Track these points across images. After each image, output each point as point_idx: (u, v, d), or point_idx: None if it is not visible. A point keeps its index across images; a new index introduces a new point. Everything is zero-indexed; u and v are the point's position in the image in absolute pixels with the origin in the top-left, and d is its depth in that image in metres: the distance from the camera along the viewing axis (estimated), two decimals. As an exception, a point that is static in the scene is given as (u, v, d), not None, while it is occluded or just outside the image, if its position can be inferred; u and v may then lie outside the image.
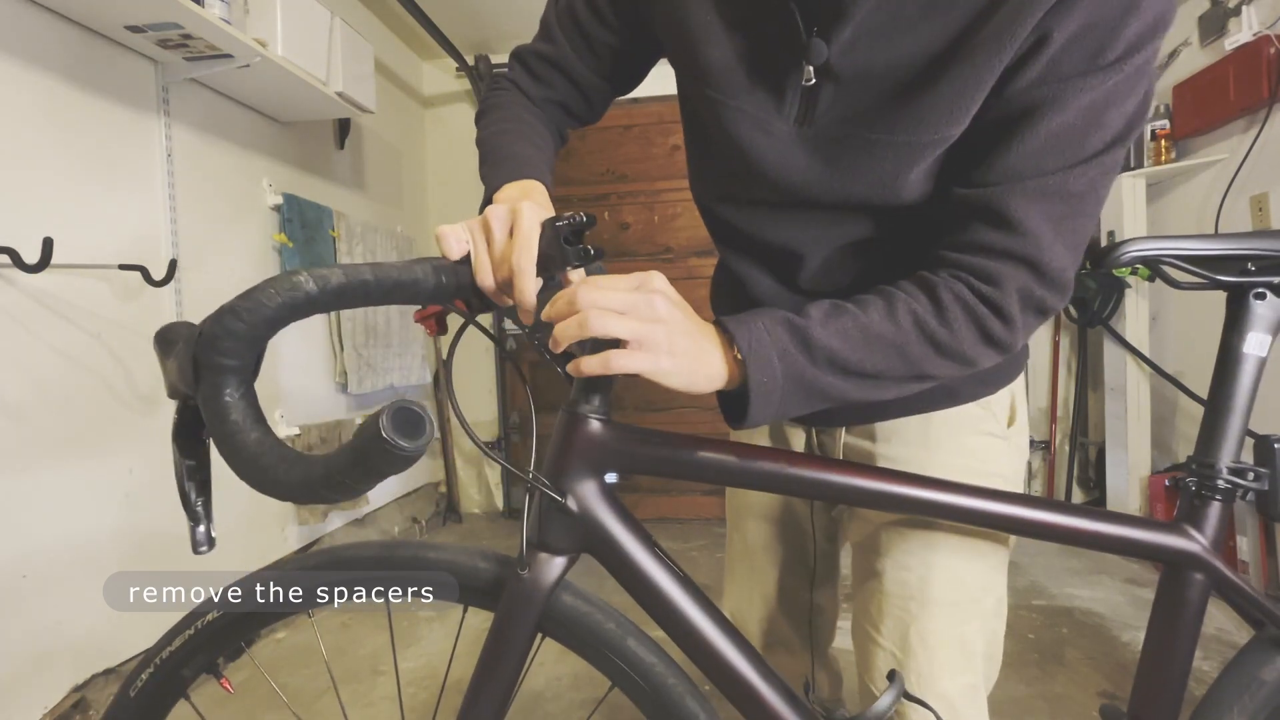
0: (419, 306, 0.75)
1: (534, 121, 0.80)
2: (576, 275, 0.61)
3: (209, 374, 0.51)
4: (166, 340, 0.56)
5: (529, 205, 0.59)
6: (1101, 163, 0.56)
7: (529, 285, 0.57)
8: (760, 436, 0.93)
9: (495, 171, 0.70)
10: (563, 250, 0.57)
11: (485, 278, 0.59)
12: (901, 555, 0.78)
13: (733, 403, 0.62)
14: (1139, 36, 0.53)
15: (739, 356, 0.57)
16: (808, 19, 0.60)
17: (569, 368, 0.58)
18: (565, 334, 0.54)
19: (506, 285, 0.58)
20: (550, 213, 0.62)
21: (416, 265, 0.57)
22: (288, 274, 0.52)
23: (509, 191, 0.67)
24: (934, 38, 0.57)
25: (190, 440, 0.58)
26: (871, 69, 0.60)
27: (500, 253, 0.58)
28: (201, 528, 0.59)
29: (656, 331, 0.55)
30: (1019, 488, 0.81)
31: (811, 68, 0.62)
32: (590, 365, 0.55)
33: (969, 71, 0.56)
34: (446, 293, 0.59)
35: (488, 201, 0.69)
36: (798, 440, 0.90)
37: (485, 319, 3.16)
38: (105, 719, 0.74)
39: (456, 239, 0.59)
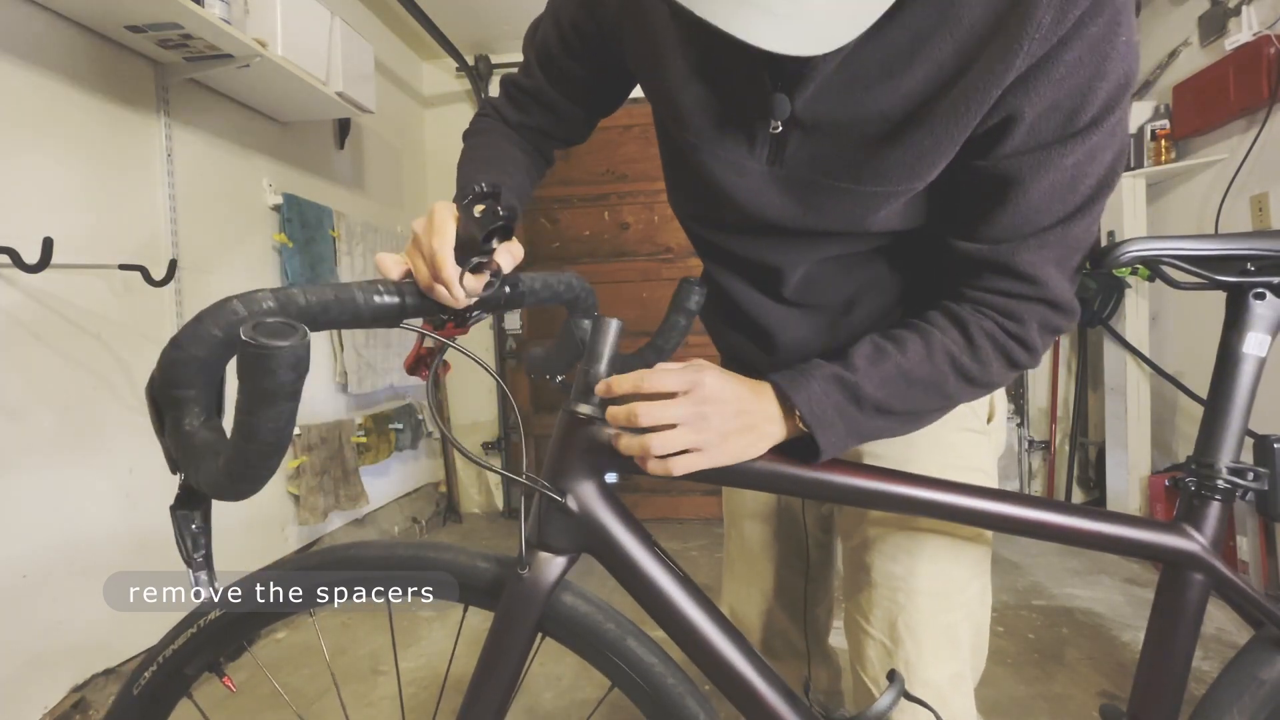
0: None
1: (509, 147, 0.83)
2: (505, 247, 0.63)
3: (169, 409, 0.53)
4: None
5: (441, 202, 0.61)
6: (1090, 209, 0.61)
7: (446, 265, 0.58)
8: None
9: (460, 196, 0.73)
10: (477, 222, 0.58)
11: (423, 278, 0.60)
12: (887, 548, 0.80)
13: (798, 447, 0.66)
14: (1110, 98, 0.56)
15: (802, 425, 0.64)
16: (773, 74, 0.62)
17: (641, 466, 0.63)
18: (629, 450, 0.62)
19: (439, 279, 0.59)
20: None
21: (353, 285, 0.57)
22: (221, 302, 0.52)
23: None
24: (894, 101, 0.60)
25: (191, 507, 0.59)
26: (834, 122, 0.62)
27: (427, 249, 0.59)
28: (204, 574, 0.60)
29: (711, 438, 0.61)
30: (995, 481, 0.84)
31: (778, 120, 0.64)
32: (655, 469, 0.62)
33: (928, 137, 0.59)
34: (393, 313, 0.59)
35: None
36: None
37: (481, 334, 3.06)
38: (109, 717, 0.74)
39: (393, 261, 0.62)
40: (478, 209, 0.59)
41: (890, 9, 0.51)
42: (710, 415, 0.61)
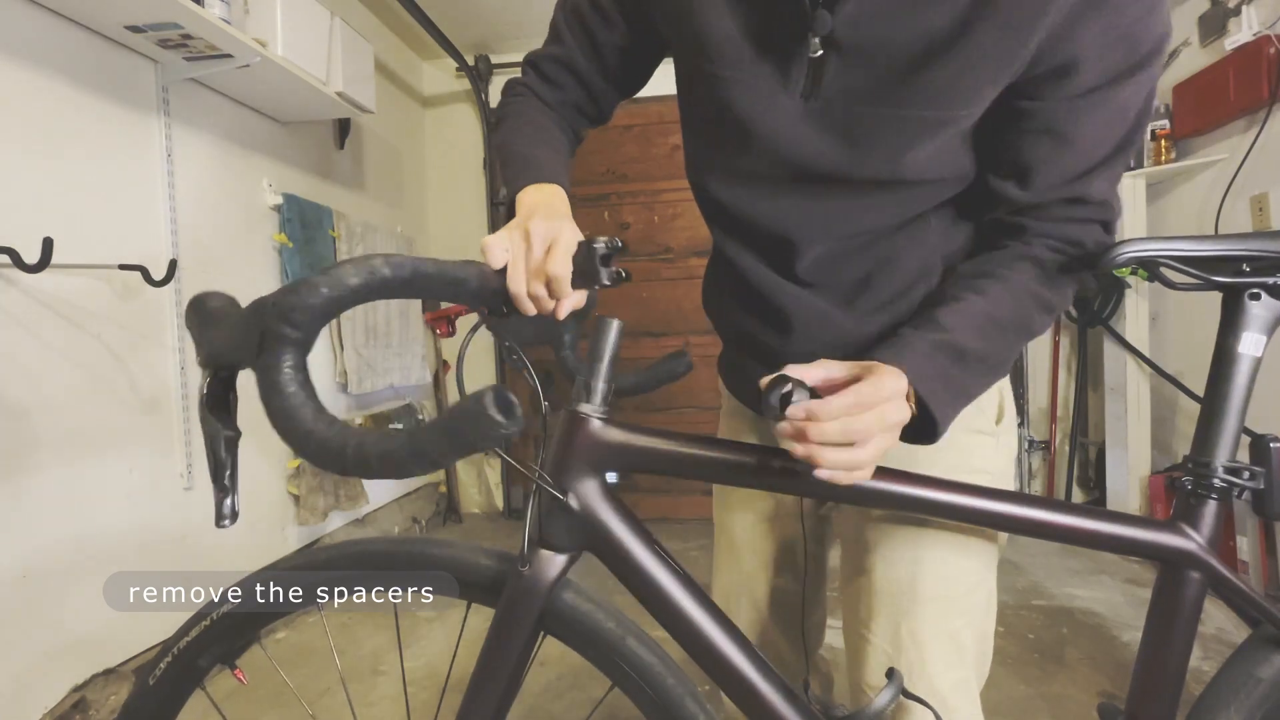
0: (424, 306, 0.78)
1: (548, 124, 0.83)
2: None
3: (274, 344, 0.51)
4: (205, 309, 0.56)
5: (569, 226, 0.63)
6: (1138, 134, 0.65)
7: (569, 290, 0.62)
8: (750, 435, 0.93)
9: (517, 174, 0.73)
10: (597, 270, 0.61)
11: (518, 284, 0.61)
12: (890, 552, 0.78)
13: (911, 426, 0.63)
14: (1160, 37, 0.59)
15: (912, 404, 0.61)
16: None
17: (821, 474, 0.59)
18: (843, 463, 0.57)
19: (535, 292, 0.62)
20: (573, 225, 0.65)
21: (469, 266, 0.60)
22: (366, 257, 0.53)
23: (532, 196, 0.69)
24: (940, 19, 0.59)
25: (223, 411, 0.58)
26: (877, 42, 0.61)
27: (536, 264, 0.61)
28: (229, 500, 0.59)
29: (871, 457, 0.57)
30: (1008, 483, 0.82)
31: (818, 39, 0.63)
32: (846, 480, 0.58)
33: (976, 51, 0.59)
34: (484, 295, 0.62)
35: (510, 201, 0.72)
36: None
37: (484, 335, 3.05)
38: (126, 707, 0.76)
39: (501, 249, 0.62)
40: (602, 257, 0.62)
41: None
42: (876, 440, 0.57)
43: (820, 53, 0.63)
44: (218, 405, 0.58)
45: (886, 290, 0.74)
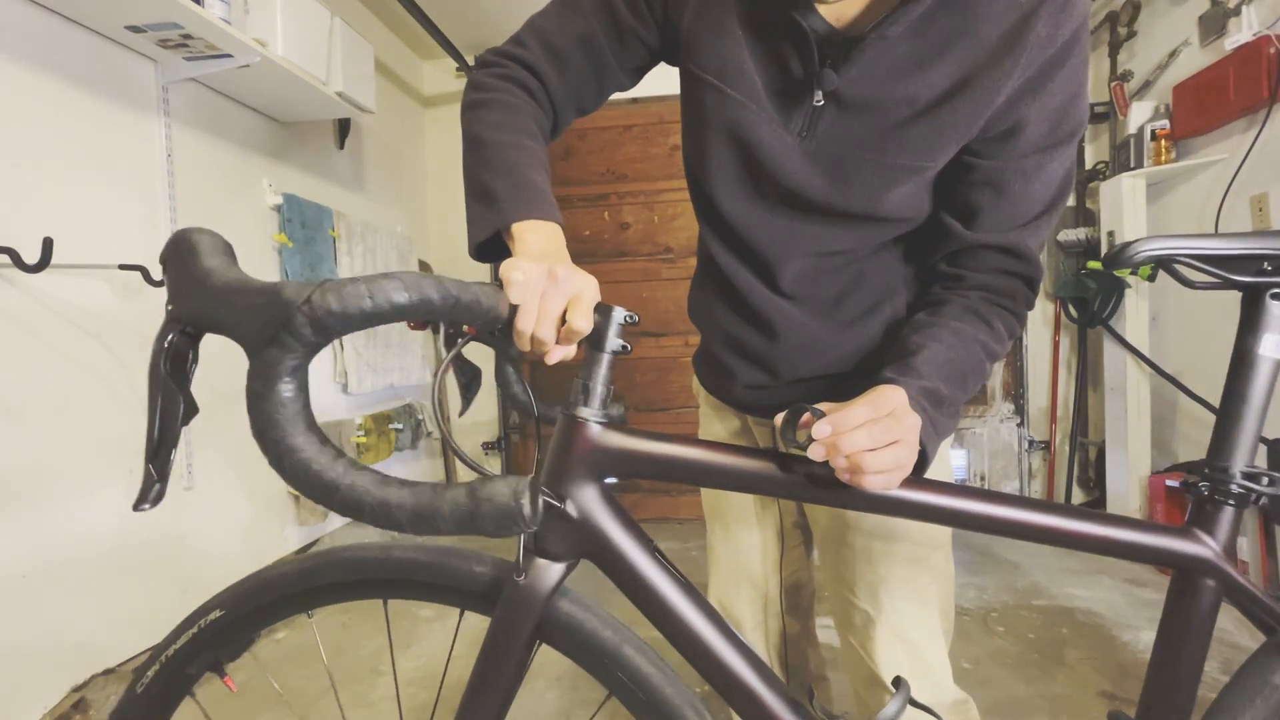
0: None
1: (538, 136, 0.80)
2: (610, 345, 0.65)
3: (289, 341, 0.45)
4: (199, 263, 0.48)
5: (593, 285, 0.63)
6: (1062, 201, 0.76)
7: (575, 344, 0.63)
8: (726, 433, 1.04)
9: (515, 195, 0.70)
10: (606, 337, 0.62)
11: (527, 323, 0.60)
12: (865, 525, 0.89)
13: None
14: (1081, 118, 0.71)
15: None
16: (822, 54, 0.71)
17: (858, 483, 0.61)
18: (871, 466, 0.59)
19: (542, 336, 0.60)
20: (595, 284, 0.64)
21: (496, 295, 0.57)
22: (416, 277, 0.48)
23: (543, 240, 0.67)
24: (919, 89, 0.70)
25: (181, 374, 0.50)
26: (870, 101, 0.71)
27: (554, 312, 0.60)
28: (158, 486, 0.52)
29: (909, 456, 0.61)
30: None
31: (821, 92, 0.72)
32: (878, 484, 0.60)
33: (948, 115, 0.70)
34: (495, 323, 0.59)
35: (502, 222, 0.69)
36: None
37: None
38: (115, 715, 0.74)
39: (520, 285, 0.60)
40: (617, 328, 0.63)
41: (923, 18, 0.66)
42: (903, 452, 0.61)
43: (821, 104, 0.73)
44: (178, 366, 0.50)
45: (858, 306, 0.84)
